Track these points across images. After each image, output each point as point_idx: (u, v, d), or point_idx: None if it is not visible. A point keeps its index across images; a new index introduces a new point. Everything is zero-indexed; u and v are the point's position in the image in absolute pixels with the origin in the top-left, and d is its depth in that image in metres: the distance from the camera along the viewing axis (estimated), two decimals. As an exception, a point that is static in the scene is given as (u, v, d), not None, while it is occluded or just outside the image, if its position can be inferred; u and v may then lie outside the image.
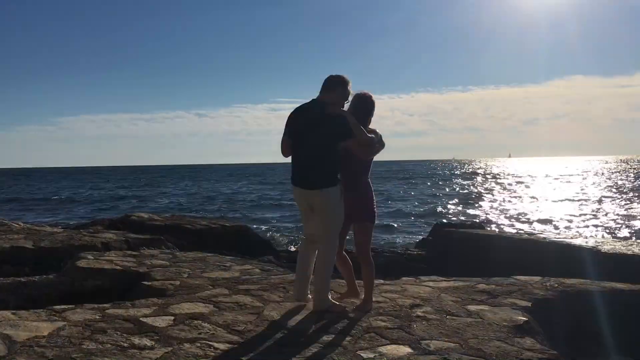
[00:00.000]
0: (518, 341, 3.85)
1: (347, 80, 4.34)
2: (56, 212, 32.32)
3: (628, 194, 37.58)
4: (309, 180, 4.29)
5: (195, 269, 5.94)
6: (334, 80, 4.33)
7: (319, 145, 4.25)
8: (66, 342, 3.42)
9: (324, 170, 4.25)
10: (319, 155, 4.26)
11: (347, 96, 4.37)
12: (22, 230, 8.31)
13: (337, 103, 4.31)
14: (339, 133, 4.20)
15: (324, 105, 4.27)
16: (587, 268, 7.03)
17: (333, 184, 4.25)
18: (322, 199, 4.26)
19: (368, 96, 4.47)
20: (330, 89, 4.32)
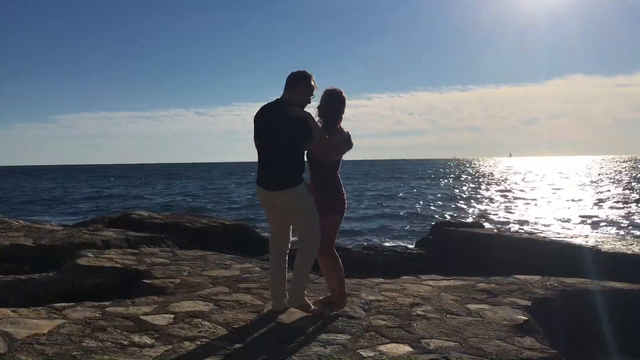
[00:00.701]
0: (518, 340, 3.85)
1: (309, 75, 4.23)
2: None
3: (628, 193, 37.60)
4: (271, 182, 4.20)
5: (195, 267, 5.94)
6: (296, 77, 4.23)
7: (280, 146, 4.16)
8: (66, 340, 3.42)
9: (287, 171, 4.15)
10: (281, 156, 4.16)
11: (311, 91, 4.26)
12: (22, 228, 8.32)
13: (301, 100, 4.23)
14: (300, 135, 4.10)
15: (285, 106, 4.19)
16: (587, 267, 7.03)
17: (297, 184, 4.15)
18: (288, 200, 4.17)
19: (337, 92, 4.33)
20: (292, 87, 4.23)
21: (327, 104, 4.31)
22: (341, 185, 4.39)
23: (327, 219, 4.31)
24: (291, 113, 4.13)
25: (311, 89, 4.25)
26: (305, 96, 4.24)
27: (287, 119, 4.12)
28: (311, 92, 4.26)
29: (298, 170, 4.19)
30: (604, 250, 7.64)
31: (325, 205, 4.30)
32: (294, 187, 4.13)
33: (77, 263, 5.74)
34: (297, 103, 4.20)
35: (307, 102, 4.28)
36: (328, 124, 4.30)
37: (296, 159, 4.18)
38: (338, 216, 4.36)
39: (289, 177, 4.14)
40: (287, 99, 4.21)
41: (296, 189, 4.13)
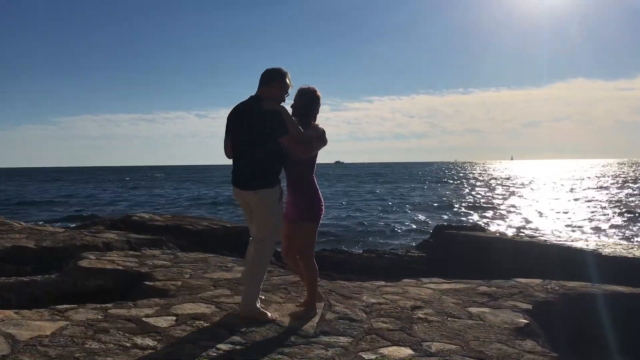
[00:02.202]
0: (519, 344, 3.86)
1: (284, 72, 4.18)
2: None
3: (629, 197, 37.57)
4: (244, 181, 4.13)
5: (196, 270, 5.94)
6: (271, 73, 4.16)
7: (253, 143, 4.06)
8: (69, 342, 3.43)
9: (260, 170, 4.07)
10: (254, 154, 4.07)
11: (286, 89, 4.19)
12: (24, 230, 8.33)
13: (274, 97, 4.14)
14: (274, 129, 4.01)
15: (259, 101, 4.10)
16: (588, 271, 7.03)
17: (270, 185, 4.07)
18: (257, 200, 4.10)
19: (311, 90, 4.30)
20: (266, 83, 4.15)
21: (299, 103, 4.28)
22: (317, 189, 4.31)
23: (303, 225, 4.26)
24: (264, 107, 4.05)
25: (286, 87, 4.19)
26: (279, 93, 4.16)
27: (259, 113, 4.04)
28: (286, 89, 4.19)
29: (273, 169, 4.11)
30: (605, 254, 7.64)
31: (300, 209, 4.26)
32: (267, 188, 4.06)
33: (79, 265, 5.75)
34: (272, 99, 4.12)
35: (282, 99, 4.20)
36: (302, 123, 4.20)
37: (271, 155, 4.08)
38: (312, 222, 4.27)
39: (262, 177, 4.06)
40: (262, 95, 4.14)
41: (269, 191, 4.06)
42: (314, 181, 4.32)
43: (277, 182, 4.12)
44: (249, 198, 4.14)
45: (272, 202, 4.09)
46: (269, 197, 4.08)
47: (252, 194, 4.09)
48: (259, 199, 4.08)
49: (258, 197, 4.08)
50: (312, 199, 4.28)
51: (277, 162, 4.14)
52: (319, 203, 4.31)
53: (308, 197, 4.27)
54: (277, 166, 4.15)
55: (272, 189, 4.08)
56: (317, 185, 4.33)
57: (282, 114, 4.05)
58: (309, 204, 4.27)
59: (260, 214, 4.14)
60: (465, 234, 10.49)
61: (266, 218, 4.12)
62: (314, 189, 4.30)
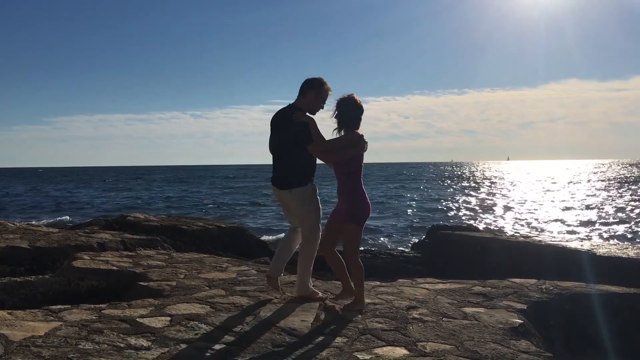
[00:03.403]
0: (513, 343, 3.86)
1: (320, 82, 4.50)
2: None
3: (624, 197, 37.72)
4: (280, 181, 4.57)
5: (191, 270, 5.93)
6: (306, 84, 4.52)
7: (285, 148, 4.53)
8: (63, 342, 3.42)
9: (292, 171, 4.50)
10: (286, 157, 4.54)
11: (324, 98, 4.53)
12: (18, 230, 8.29)
13: (311, 106, 4.50)
14: (301, 138, 4.41)
15: (293, 110, 4.48)
16: (583, 271, 7.05)
17: (302, 184, 4.48)
18: (292, 199, 4.53)
19: (345, 99, 4.44)
20: (303, 93, 4.53)
21: (336, 112, 4.46)
22: (360, 193, 4.47)
23: (346, 228, 4.46)
24: (294, 117, 4.42)
25: (322, 96, 4.51)
26: (314, 102, 4.50)
27: (289, 123, 4.44)
28: (322, 98, 4.52)
29: (304, 170, 4.51)
30: (600, 254, 7.66)
31: (344, 212, 4.46)
32: (299, 187, 4.48)
33: (73, 265, 5.72)
34: (307, 108, 4.49)
35: (317, 107, 4.54)
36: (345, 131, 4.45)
37: (300, 160, 4.47)
38: (355, 225, 4.45)
39: (294, 177, 4.48)
40: (297, 104, 4.52)
41: (302, 190, 4.47)
42: (358, 185, 4.48)
43: (309, 181, 4.54)
44: (284, 197, 4.59)
45: (305, 199, 4.51)
46: (302, 194, 4.49)
47: (287, 193, 4.54)
48: (293, 197, 4.52)
49: (293, 195, 4.52)
50: (354, 202, 4.46)
51: (308, 165, 4.53)
52: (362, 206, 4.48)
53: (351, 201, 4.46)
54: (308, 168, 4.54)
55: (305, 187, 4.50)
56: (362, 189, 4.50)
57: (309, 125, 4.40)
58: (351, 207, 4.45)
59: (298, 210, 4.58)
60: (460, 234, 10.51)
61: (304, 214, 4.55)
62: (357, 193, 4.48)
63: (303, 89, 4.53)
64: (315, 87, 4.49)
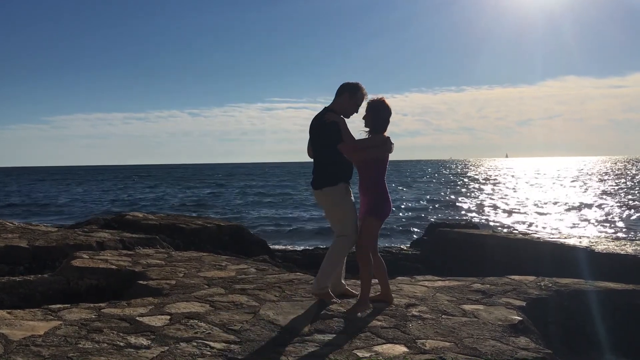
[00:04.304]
0: (513, 340, 3.88)
1: (356, 87, 4.59)
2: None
3: (622, 194, 37.78)
4: (314, 181, 4.66)
5: (190, 269, 5.94)
6: (341, 87, 4.62)
7: (318, 149, 4.63)
8: (62, 342, 3.42)
9: (324, 171, 4.57)
10: (319, 158, 4.63)
11: (357, 101, 4.61)
12: (17, 230, 8.28)
13: (345, 108, 4.57)
14: (331, 138, 4.48)
15: (325, 113, 4.57)
16: (581, 268, 7.07)
17: (332, 184, 4.52)
18: (324, 198, 4.60)
19: (374, 101, 4.57)
20: (337, 96, 4.63)
21: (365, 115, 4.57)
22: (384, 191, 4.57)
23: (365, 219, 4.53)
24: (326, 118, 4.53)
25: (356, 99, 4.59)
26: (348, 105, 4.58)
27: (321, 123, 4.55)
28: (356, 101, 4.59)
29: (335, 170, 4.55)
30: (598, 251, 7.68)
31: (366, 208, 4.53)
32: (330, 186, 4.53)
33: (72, 264, 5.72)
34: (340, 110, 4.57)
35: (351, 111, 4.61)
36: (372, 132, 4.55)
37: (332, 159, 4.53)
38: (374, 218, 4.51)
39: (325, 177, 4.56)
40: (333, 107, 4.62)
41: (332, 189, 4.53)
42: (382, 184, 4.56)
43: (340, 181, 4.55)
44: (318, 197, 4.68)
45: (336, 198, 4.56)
46: (332, 194, 4.54)
47: (319, 192, 4.61)
48: (324, 196, 4.59)
49: (324, 194, 4.58)
50: (376, 198, 4.54)
51: (339, 165, 4.55)
52: (384, 202, 4.56)
53: (373, 197, 4.54)
54: (339, 168, 4.56)
55: (335, 186, 4.53)
56: (385, 187, 4.59)
57: (340, 124, 4.47)
58: (373, 202, 4.53)
59: (329, 210, 4.68)
60: (458, 231, 10.52)
61: (334, 214, 4.63)
62: (380, 191, 4.55)
63: (338, 92, 4.63)
64: (349, 90, 4.57)
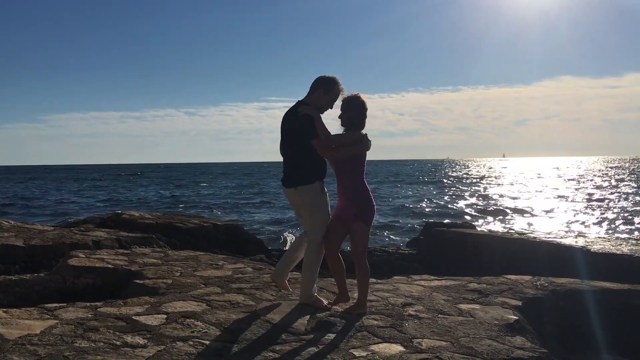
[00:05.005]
0: (509, 340, 3.89)
1: (332, 81, 4.37)
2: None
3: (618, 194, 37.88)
4: (286, 179, 4.46)
5: (187, 268, 5.93)
6: (316, 82, 4.40)
7: (291, 144, 4.41)
8: (58, 341, 3.42)
9: (298, 168, 4.37)
10: (292, 154, 4.41)
11: (333, 97, 4.39)
12: (13, 228, 8.25)
13: (319, 103, 4.36)
14: (306, 132, 4.27)
15: (299, 106, 4.37)
16: (577, 267, 7.08)
17: (307, 182, 4.33)
18: (298, 197, 4.39)
19: (350, 97, 4.38)
20: (312, 90, 4.41)
21: (342, 111, 4.40)
22: (367, 192, 4.40)
23: (355, 226, 4.34)
24: (300, 111, 4.32)
25: (331, 94, 4.38)
26: (323, 99, 4.38)
27: (294, 118, 4.34)
28: (331, 97, 4.39)
29: (310, 168, 4.35)
30: (594, 251, 7.69)
31: (352, 211, 4.35)
32: (305, 184, 4.34)
33: (69, 263, 5.71)
34: (314, 105, 4.36)
35: (326, 106, 4.41)
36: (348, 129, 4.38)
37: (306, 156, 4.33)
38: (364, 224, 4.35)
39: (300, 175, 4.36)
40: (307, 101, 4.40)
41: (307, 187, 4.33)
42: (364, 184, 4.40)
43: (315, 179, 4.36)
44: (291, 195, 4.45)
45: (312, 197, 4.36)
46: (308, 193, 4.34)
47: (292, 191, 4.40)
48: (299, 195, 4.38)
49: (298, 193, 4.38)
50: (363, 201, 4.37)
51: (314, 162, 4.35)
52: (371, 205, 4.41)
53: (358, 202, 4.36)
54: (314, 165, 4.36)
55: (311, 185, 4.34)
56: (367, 188, 4.42)
57: (314, 118, 4.28)
58: (361, 206, 4.36)
59: (305, 210, 4.43)
60: (455, 231, 10.52)
61: (311, 213, 4.39)
62: (364, 192, 4.39)
63: (313, 86, 4.41)
64: (325, 85, 4.36)
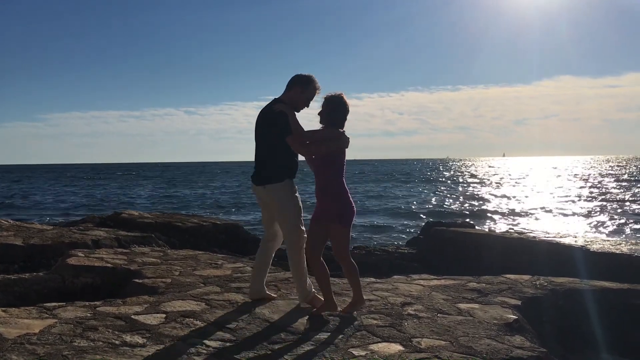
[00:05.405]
0: (508, 339, 3.88)
1: (308, 79, 4.30)
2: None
3: (617, 193, 37.89)
4: (257, 177, 4.35)
5: (186, 267, 5.93)
6: (292, 80, 4.34)
7: (263, 142, 4.32)
8: (57, 340, 3.42)
9: (270, 166, 4.28)
10: (264, 151, 4.31)
11: (309, 95, 4.31)
12: (12, 227, 8.25)
13: (296, 101, 4.29)
14: (280, 129, 4.18)
15: (274, 104, 4.30)
16: (577, 267, 7.09)
17: (277, 180, 4.24)
18: (269, 195, 4.29)
19: (330, 97, 4.25)
20: (288, 88, 4.34)
21: (322, 109, 4.26)
22: (346, 192, 4.25)
23: (335, 229, 4.23)
24: (274, 109, 4.24)
25: (307, 93, 4.30)
26: (299, 98, 4.30)
27: (269, 115, 4.27)
28: (307, 95, 4.31)
29: (281, 166, 4.26)
30: (593, 250, 7.69)
31: (330, 213, 4.22)
32: (275, 182, 4.24)
33: (68, 262, 5.71)
34: (290, 103, 4.28)
35: (302, 105, 4.33)
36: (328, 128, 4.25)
37: (276, 154, 4.24)
38: (342, 226, 4.22)
39: (270, 173, 4.27)
40: (283, 98, 4.33)
41: (277, 186, 4.23)
42: (343, 184, 4.25)
43: (285, 177, 4.27)
44: (260, 193, 4.36)
45: (281, 196, 4.26)
46: (277, 191, 4.25)
47: (261, 188, 4.31)
48: (267, 193, 4.29)
49: (266, 191, 4.29)
50: (342, 202, 4.23)
51: (285, 159, 4.27)
52: (350, 206, 4.25)
53: (337, 200, 4.22)
54: (284, 163, 4.27)
55: (280, 183, 4.25)
56: (345, 189, 4.26)
57: (289, 116, 4.19)
58: (340, 208, 4.22)
59: (275, 209, 4.34)
60: (454, 230, 10.52)
61: (282, 213, 4.30)
62: (343, 192, 4.24)
63: (289, 84, 4.32)
64: (301, 83, 4.28)
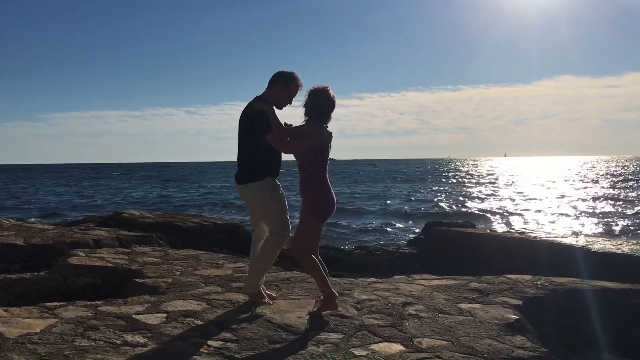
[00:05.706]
0: (509, 339, 3.88)
1: (289, 76, 4.27)
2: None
3: (618, 193, 37.86)
4: (237, 174, 4.35)
5: (187, 267, 5.93)
6: (274, 76, 4.30)
7: (244, 140, 4.29)
8: (58, 339, 3.42)
9: (249, 164, 4.26)
10: (244, 150, 4.29)
11: (291, 92, 4.28)
12: (13, 227, 8.26)
13: (278, 98, 4.27)
14: (260, 127, 4.14)
15: (255, 101, 4.26)
16: (578, 267, 7.08)
17: (258, 178, 4.22)
18: (249, 194, 4.30)
19: (321, 90, 4.14)
20: (270, 85, 4.32)
21: (305, 103, 4.17)
22: (327, 188, 4.18)
23: (303, 222, 4.17)
24: (254, 105, 4.21)
25: (289, 90, 4.27)
26: (281, 94, 4.27)
27: (249, 112, 4.24)
28: (289, 92, 4.28)
29: (262, 164, 4.24)
30: (594, 250, 7.69)
31: (304, 207, 4.18)
32: (255, 181, 4.24)
33: (69, 262, 5.71)
34: (272, 100, 4.26)
35: (284, 102, 4.30)
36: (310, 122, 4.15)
37: (257, 152, 4.21)
38: (306, 219, 4.15)
39: (251, 171, 4.26)
40: (265, 96, 4.30)
41: (258, 184, 4.23)
42: (325, 180, 4.18)
43: (266, 175, 4.27)
44: (242, 191, 4.36)
45: (263, 195, 4.25)
46: (258, 190, 4.26)
47: (243, 187, 4.30)
48: (249, 191, 4.29)
49: (248, 190, 4.29)
50: (318, 195, 4.16)
51: (265, 157, 4.24)
52: (327, 201, 4.18)
53: (314, 193, 4.16)
54: (265, 161, 4.25)
55: (261, 182, 4.25)
56: (328, 184, 4.20)
57: (268, 113, 4.16)
58: (314, 200, 4.16)
59: (257, 207, 4.36)
60: (455, 230, 10.52)
61: (264, 211, 4.33)
62: (323, 187, 4.17)
63: (271, 81, 4.28)
64: (283, 80, 4.24)
